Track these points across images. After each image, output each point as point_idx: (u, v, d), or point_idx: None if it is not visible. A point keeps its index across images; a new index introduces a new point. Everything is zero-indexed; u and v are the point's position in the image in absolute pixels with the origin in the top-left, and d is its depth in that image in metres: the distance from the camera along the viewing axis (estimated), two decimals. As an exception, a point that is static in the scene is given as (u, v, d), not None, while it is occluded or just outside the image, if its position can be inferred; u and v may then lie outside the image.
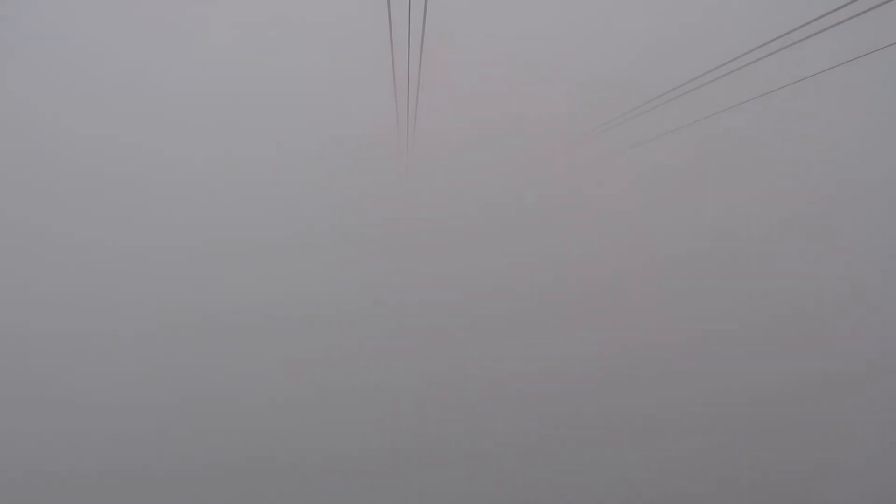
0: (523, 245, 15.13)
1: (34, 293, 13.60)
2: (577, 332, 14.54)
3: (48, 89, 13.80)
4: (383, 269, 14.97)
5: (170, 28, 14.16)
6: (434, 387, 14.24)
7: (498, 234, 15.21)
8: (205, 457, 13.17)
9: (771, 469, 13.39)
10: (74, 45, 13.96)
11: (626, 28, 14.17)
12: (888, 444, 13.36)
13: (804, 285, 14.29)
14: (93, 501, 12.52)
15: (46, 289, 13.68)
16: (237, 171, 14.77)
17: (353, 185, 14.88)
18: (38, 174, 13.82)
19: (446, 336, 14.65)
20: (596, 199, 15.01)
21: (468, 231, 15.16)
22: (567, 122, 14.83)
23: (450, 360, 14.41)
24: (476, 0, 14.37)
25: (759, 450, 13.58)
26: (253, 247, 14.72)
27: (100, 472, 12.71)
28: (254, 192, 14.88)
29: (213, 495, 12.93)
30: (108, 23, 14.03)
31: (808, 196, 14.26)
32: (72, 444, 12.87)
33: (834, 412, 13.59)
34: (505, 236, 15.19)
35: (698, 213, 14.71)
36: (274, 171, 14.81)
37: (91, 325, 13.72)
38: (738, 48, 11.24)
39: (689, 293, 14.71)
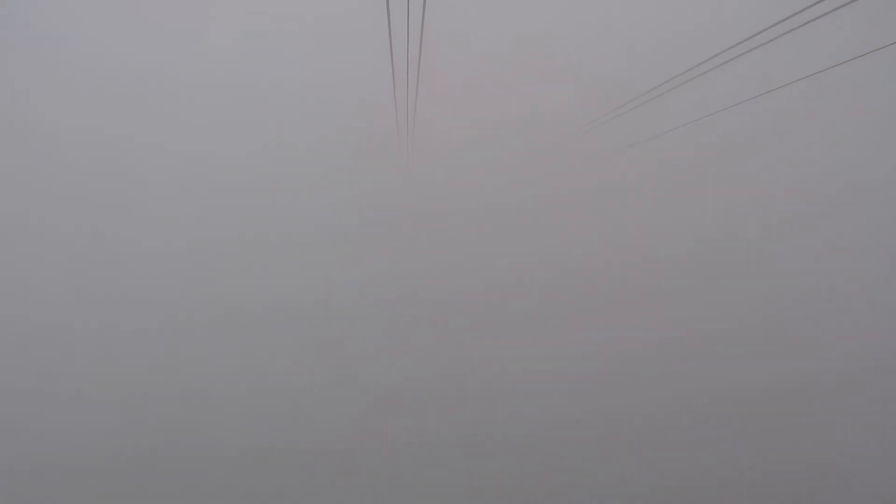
0: (523, 242, 15.13)
1: (39, 289, 13.66)
2: (577, 328, 14.54)
3: (50, 87, 13.82)
4: (383, 265, 14.98)
5: (170, 25, 14.19)
6: (434, 383, 14.24)
7: (497, 231, 15.22)
8: (206, 451, 13.21)
9: (770, 468, 13.37)
10: (74, 41, 13.99)
11: (626, 22, 14.17)
12: (888, 444, 13.34)
13: (804, 284, 14.28)
14: (95, 494, 12.54)
15: (49, 285, 13.73)
16: (238, 167, 14.78)
17: (353, 181, 14.89)
18: (41, 171, 13.86)
19: (446, 332, 14.66)
20: (596, 196, 15.00)
21: (468, 228, 15.17)
22: (567, 118, 14.84)
23: (449, 356, 14.42)
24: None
25: (760, 449, 13.57)
26: (255, 242, 14.75)
27: (101, 466, 12.75)
28: (255, 189, 14.90)
29: (214, 488, 12.94)
30: (109, 19, 14.06)
31: (808, 196, 14.25)
32: (72, 438, 12.89)
33: (834, 412, 13.58)
34: (504, 233, 15.20)
35: (698, 211, 14.71)
36: (275, 168, 14.83)
37: (95, 320, 13.78)
38: (738, 37, 11.24)
39: (689, 292, 14.70)
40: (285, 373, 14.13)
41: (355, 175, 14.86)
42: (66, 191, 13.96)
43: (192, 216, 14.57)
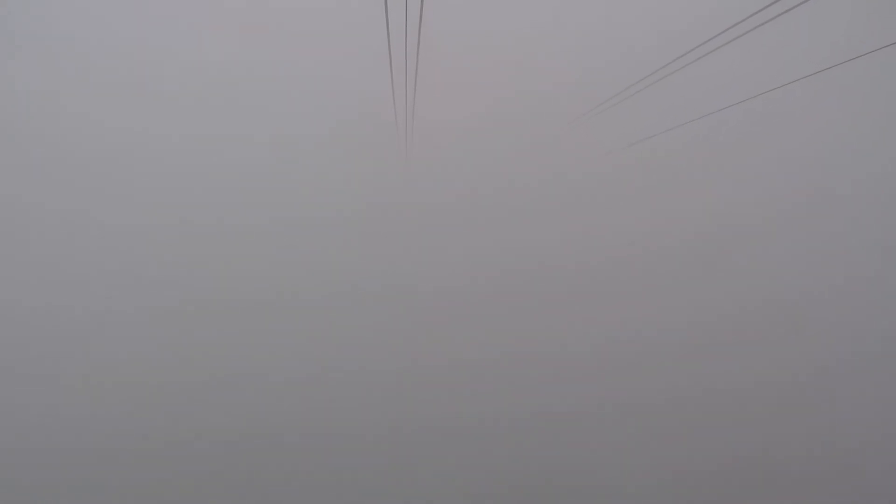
0: (521, 236, 15.20)
1: (44, 287, 13.85)
2: (575, 322, 14.65)
3: (50, 86, 13.91)
4: (383, 260, 15.08)
5: (170, 22, 14.26)
6: (434, 376, 14.36)
7: (496, 226, 15.29)
8: (205, 441, 13.36)
9: (767, 462, 13.46)
10: (74, 41, 14.06)
11: (626, 16, 14.17)
12: (881, 438, 13.41)
13: (802, 281, 14.33)
14: (100, 487, 12.69)
15: (55, 280, 13.93)
16: (237, 162, 14.87)
17: (352, 175, 14.96)
18: (42, 170, 13.98)
19: (445, 326, 14.77)
20: (594, 191, 15.05)
21: (467, 222, 15.26)
22: (566, 113, 14.89)
23: (447, 350, 14.54)
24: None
25: (757, 445, 13.66)
26: (254, 237, 14.85)
27: (104, 458, 12.90)
28: (254, 184, 14.99)
29: (216, 477, 13.07)
30: (109, 18, 14.13)
31: (806, 194, 14.28)
32: (81, 429, 13.08)
33: (827, 407, 13.65)
34: (503, 227, 15.28)
35: (695, 208, 14.74)
36: (274, 163, 14.92)
37: (93, 314, 13.94)
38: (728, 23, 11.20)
39: (686, 288, 14.77)
40: (283, 366, 14.27)
41: (355, 169, 14.93)
42: (68, 188, 14.09)
43: (192, 211, 14.67)
